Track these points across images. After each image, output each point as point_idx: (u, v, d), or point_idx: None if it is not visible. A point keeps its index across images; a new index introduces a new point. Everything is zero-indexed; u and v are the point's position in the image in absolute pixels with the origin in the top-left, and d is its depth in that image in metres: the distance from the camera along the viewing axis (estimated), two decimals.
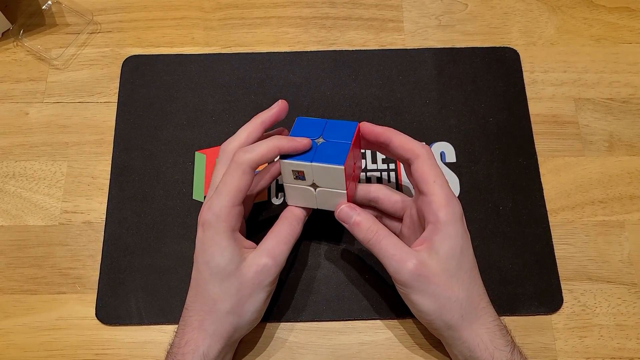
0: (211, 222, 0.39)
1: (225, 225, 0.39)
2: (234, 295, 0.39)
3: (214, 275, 0.39)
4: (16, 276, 0.47)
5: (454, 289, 0.39)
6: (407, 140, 0.41)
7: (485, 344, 0.38)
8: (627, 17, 0.57)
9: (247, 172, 0.39)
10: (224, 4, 0.58)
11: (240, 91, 0.53)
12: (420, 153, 0.41)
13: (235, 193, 0.39)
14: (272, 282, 0.40)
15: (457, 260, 0.39)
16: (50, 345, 0.45)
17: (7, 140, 0.52)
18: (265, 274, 0.39)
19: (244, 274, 0.39)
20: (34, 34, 0.56)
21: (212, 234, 0.39)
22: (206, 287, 0.40)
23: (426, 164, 0.40)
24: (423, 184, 0.40)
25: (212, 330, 0.39)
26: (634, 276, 0.47)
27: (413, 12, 0.57)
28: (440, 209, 0.39)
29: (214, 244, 0.39)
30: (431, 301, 0.39)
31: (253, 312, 0.40)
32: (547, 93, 0.54)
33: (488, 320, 0.39)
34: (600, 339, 0.45)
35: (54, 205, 0.49)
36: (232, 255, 0.39)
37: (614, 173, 0.51)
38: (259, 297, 0.40)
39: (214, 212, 0.39)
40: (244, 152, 0.39)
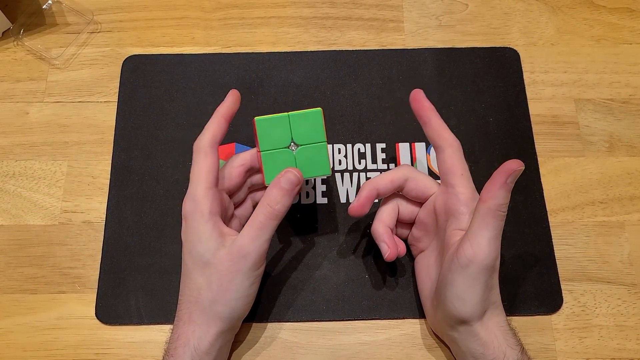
0: (189, 210, 0.40)
1: (203, 209, 0.39)
2: (215, 283, 0.39)
3: (195, 264, 0.39)
4: (16, 276, 0.47)
5: (494, 286, 0.40)
6: (444, 127, 0.42)
7: (499, 341, 0.39)
8: (627, 18, 0.57)
9: (208, 153, 0.40)
10: (224, 4, 0.58)
11: (241, 91, 0.52)
12: (452, 143, 0.41)
13: (204, 176, 0.40)
14: (252, 267, 0.39)
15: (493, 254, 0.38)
16: (50, 344, 0.45)
17: (7, 140, 0.52)
18: (241, 262, 0.39)
19: (222, 262, 0.39)
20: (34, 33, 0.56)
21: (191, 222, 0.40)
22: (190, 276, 0.40)
23: (456, 156, 0.41)
24: (451, 175, 0.41)
25: (200, 321, 0.39)
26: (633, 277, 0.47)
27: (413, 12, 0.57)
28: (469, 202, 0.40)
29: (194, 231, 0.39)
30: (479, 292, 0.38)
31: (237, 300, 0.39)
32: (548, 93, 0.54)
33: (502, 319, 0.40)
34: (600, 339, 0.45)
35: (54, 204, 0.49)
36: (210, 242, 0.39)
37: (614, 174, 0.51)
38: (241, 285, 0.39)
39: (190, 199, 0.40)
40: (198, 139, 0.41)
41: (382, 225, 0.43)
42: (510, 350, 0.38)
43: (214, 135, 0.41)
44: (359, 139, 0.52)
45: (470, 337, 0.39)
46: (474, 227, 0.38)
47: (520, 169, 0.37)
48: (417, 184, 0.43)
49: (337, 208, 0.49)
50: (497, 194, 0.37)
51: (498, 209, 0.37)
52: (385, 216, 0.44)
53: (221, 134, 0.41)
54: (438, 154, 0.42)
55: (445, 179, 0.41)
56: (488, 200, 0.37)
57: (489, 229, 0.37)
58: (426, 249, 0.45)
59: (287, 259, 0.47)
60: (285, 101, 0.53)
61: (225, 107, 0.42)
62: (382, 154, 0.51)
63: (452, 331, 0.41)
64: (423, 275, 0.44)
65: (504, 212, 0.37)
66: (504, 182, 0.37)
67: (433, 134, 0.42)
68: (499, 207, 0.37)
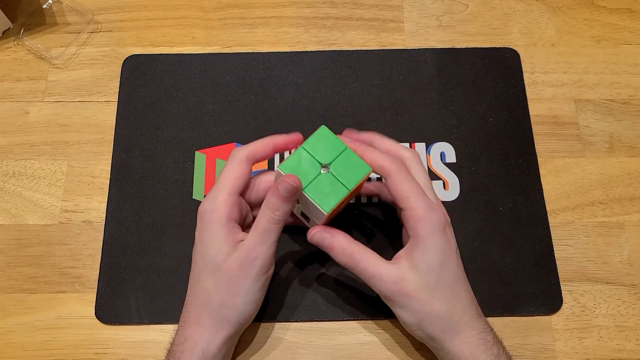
0: (207, 210, 0.40)
1: (221, 213, 0.39)
2: (224, 287, 0.39)
3: (206, 267, 0.40)
4: (16, 275, 0.47)
5: (435, 304, 0.39)
6: (377, 156, 0.40)
7: (466, 357, 0.38)
8: (627, 19, 0.57)
9: (243, 162, 0.41)
10: (224, 4, 0.58)
11: (241, 91, 0.53)
12: (390, 170, 0.40)
13: (232, 181, 0.40)
14: (260, 272, 0.39)
15: (437, 274, 0.39)
16: (50, 344, 0.45)
17: (7, 139, 0.52)
18: (249, 266, 0.39)
19: (231, 267, 0.39)
20: (34, 33, 0.56)
21: (207, 223, 0.40)
22: (200, 279, 0.40)
23: (397, 180, 0.39)
24: (399, 201, 0.40)
25: (208, 325, 0.39)
26: (633, 277, 0.47)
27: (414, 12, 0.57)
28: (418, 223, 0.39)
29: (208, 233, 0.39)
30: (412, 315, 0.40)
31: (246, 305, 0.40)
32: (548, 94, 0.54)
33: (471, 334, 0.39)
34: (599, 340, 0.45)
35: (53, 204, 0.49)
36: (223, 246, 0.39)
37: (614, 174, 0.51)
38: (249, 289, 0.39)
39: (210, 200, 0.40)
40: (240, 147, 0.41)
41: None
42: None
43: (255, 151, 0.41)
44: None
45: (441, 351, 0.40)
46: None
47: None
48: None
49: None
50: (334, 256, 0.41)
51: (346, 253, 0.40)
52: None
53: (263, 155, 0.41)
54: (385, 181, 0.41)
55: (397, 205, 0.40)
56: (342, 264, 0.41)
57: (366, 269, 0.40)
58: None
59: (287, 259, 0.47)
60: (285, 101, 0.53)
61: (281, 138, 0.42)
62: None
63: (429, 346, 0.42)
64: None
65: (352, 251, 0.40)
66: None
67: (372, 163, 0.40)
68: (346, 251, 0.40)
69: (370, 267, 0.39)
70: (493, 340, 0.39)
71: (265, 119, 0.52)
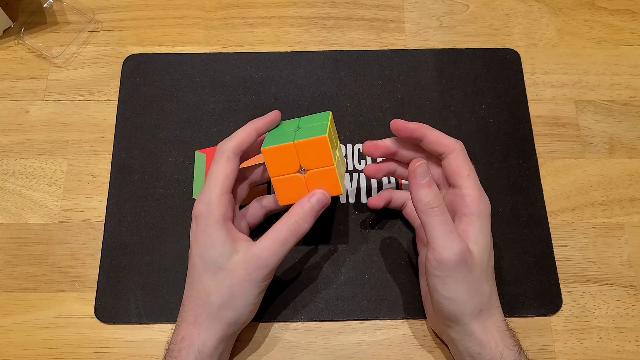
0: (202, 213, 0.40)
1: (217, 215, 0.39)
2: (226, 289, 0.39)
3: (207, 268, 0.39)
4: (15, 274, 0.47)
5: (483, 283, 0.39)
6: (441, 135, 0.42)
7: (496, 341, 0.39)
8: (628, 20, 0.57)
9: (231, 158, 0.40)
10: (225, 4, 0.58)
11: (241, 91, 0.53)
12: (455, 147, 0.42)
13: (222, 180, 0.40)
14: (265, 278, 0.40)
15: (489, 255, 0.40)
16: (49, 343, 0.45)
17: (7, 138, 0.52)
18: (256, 272, 0.39)
19: (236, 270, 0.39)
20: (35, 32, 0.56)
21: (204, 225, 0.39)
22: (200, 280, 0.40)
23: (460, 158, 0.41)
24: (457, 176, 0.41)
25: (206, 324, 0.39)
26: (633, 278, 0.47)
27: (414, 12, 0.57)
28: (475, 202, 0.40)
29: (206, 235, 0.39)
30: (463, 289, 0.38)
31: (246, 307, 0.40)
32: (548, 95, 0.54)
33: (500, 319, 0.40)
34: (599, 341, 0.45)
35: (53, 203, 0.49)
36: (224, 247, 0.39)
37: (614, 175, 0.51)
38: (251, 293, 0.40)
39: (204, 202, 0.40)
40: (224, 142, 0.41)
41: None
42: (508, 351, 0.38)
43: (240, 143, 0.41)
44: (360, 139, 0.52)
45: (467, 337, 0.40)
46: (427, 234, 0.39)
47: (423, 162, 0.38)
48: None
49: (337, 208, 0.49)
50: (419, 196, 0.38)
51: (428, 206, 0.38)
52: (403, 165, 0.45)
53: (248, 144, 0.41)
54: (442, 161, 0.42)
55: (451, 181, 0.42)
56: (416, 205, 0.38)
57: (435, 227, 0.38)
58: None
59: (286, 259, 0.47)
60: (285, 101, 0.53)
61: (261, 122, 0.42)
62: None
63: (449, 330, 0.41)
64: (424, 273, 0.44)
65: (436, 205, 0.38)
66: (419, 183, 0.38)
67: (432, 145, 0.42)
68: (428, 205, 0.38)
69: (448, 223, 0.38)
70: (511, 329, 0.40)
71: None
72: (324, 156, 0.39)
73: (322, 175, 0.40)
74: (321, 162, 0.40)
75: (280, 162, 0.40)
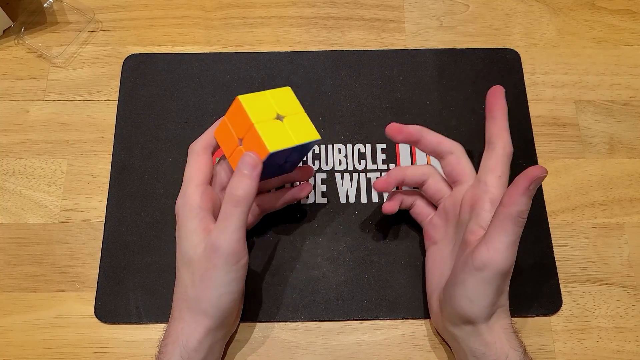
0: (179, 207, 0.40)
1: (192, 204, 0.40)
2: (197, 280, 0.39)
3: (183, 261, 0.40)
4: (15, 274, 0.47)
5: (505, 290, 0.40)
6: (505, 129, 0.42)
7: (502, 342, 0.39)
8: (628, 20, 0.57)
9: (201, 153, 0.41)
10: (225, 3, 0.58)
11: (241, 91, 0.53)
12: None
13: (194, 173, 0.41)
14: (228, 261, 0.38)
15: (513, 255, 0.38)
16: (49, 343, 0.45)
17: (7, 138, 0.52)
18: (213, 255, 0.38)
19: (201, 260, 0.39)
20: (35, 31, 0.56)
21: (181, 218, 0.40)
22: (179, 274, 0.41)
23: (502, 160, 0.42)
24: (490, 173, 0.41)
25: (188, 318, 0.39)
26: (633, 279, 0.47)
27: (414, 12, 0.57)
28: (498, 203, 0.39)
29: (183, 228, 0.40)
30: (489, 295, 0.38)
31: (220, 297, 0.38)
32: (548, 95, 0.54)
33: (507, 322, 0.40)
34: (599, 341, 0.45)
35: (53, 203, 0.49)
36: (194, 238, 0.39)
37: (614, 175, 0.51)
38: (219, 281, 0.38)
39: (180, 196, 0.41)
40: (193, 143, 0.42)
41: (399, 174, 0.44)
42: (513, 352, 0.38)
43: (209, 139, 0.42)
44: (359, 139, 0.52)
45: (473, 337, 0.39)
46: (492, 231, 0.37)
47: (544, 176, 0.37)
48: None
49: (337, 208, 0.49)
50: (519, 201, 0.36)
51: (519, 215, 0.37)
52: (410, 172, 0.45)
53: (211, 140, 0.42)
54: (486, 151, 0.42)
55: (482, 175, 0.42)
56: (509, 206, 0.37)
57: (507, 235, 0.37)
58: (440, 241, 0.44)
59: (286, 259, 0.47)
60: None
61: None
62: (382, 154, 0.51)
63: (455, 329, 0.41)
64: (433, 268, 0.44)
65: (524, 218, 0.37)
66: (527, 188, 0.36)
67: (493, 130, 0.42)
68: (520, 214, 0.37)
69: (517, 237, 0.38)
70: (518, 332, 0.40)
71: None
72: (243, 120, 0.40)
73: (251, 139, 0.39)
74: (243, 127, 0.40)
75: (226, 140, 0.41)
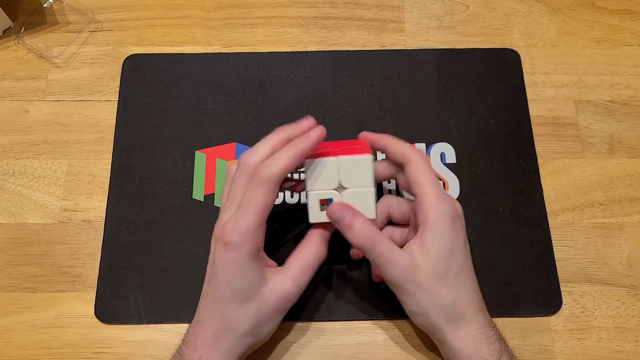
0: (237, 243, 0.37)
1: (251, 247, 0.38)
2: (253, 317, 0.39)
3: (234, 296, 0.39)
4: (15, 274, 0.47)
5: (442, 293, 0.39)
6: (400, 145, 0.42)
7: (469, 351, 0.39)
8: (628, 20, 0.57)
9: (272, 189, 0.38)
10: (225, 4, 0.58)
11: (241, 91, 0.53)
12: (412, 157, 0.41)
13: (261, 212, 0.38)
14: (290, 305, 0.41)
15: (446, 262, 0.39)
16: (49, 343, 0.45)
17: (7, 138, 0.52)
18: (286, 300, 0.40)
19: (266, 299, 0.39)
20: (35, 32, 0.56)
21: (237, 255, 0.38)
22: (226, 306, 0.39)
23: (415, 167, 0.41)
24: (414, 185, 0.41)
25: (227, 348, 0.39)
26: (633, 279, 0.47)
27: (414, 12, 0.57)
28: (430, 209, 0.39)
29: (238, 266, 0.38)
30: (419, 304, 0.40)
31: (269, 333, 0.41)
32: (548, 95, 0.54)
33: (474, 327, 0.39)
34: (599, 341, 0.45)
35: (53, 203, 0.49)
36: (255, 279, 0.39)
37: (614, 175, 0.51)
38: (277, 320, 0.41)
39: (240, 232, 0.37)
40: (266, 168, 0.38)
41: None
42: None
43: (285, 170, 0.38)
44: None
45: (444, 346, 0.40)
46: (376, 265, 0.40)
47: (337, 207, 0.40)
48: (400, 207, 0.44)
49: None
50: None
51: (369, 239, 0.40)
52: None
53: (291, 170, 0.39)
54: (404, 171, 0.42)
55: (410, 192, 0.42)
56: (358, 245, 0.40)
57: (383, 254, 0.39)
58: None
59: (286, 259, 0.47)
60: (285, 101, 0.53)
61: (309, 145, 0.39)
62: (382, 154, 0.51)
63: (433, 338, 0.42)
64: None
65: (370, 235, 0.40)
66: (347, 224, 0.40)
67: (393, 155, 0.42)
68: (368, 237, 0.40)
69: (386, 252, 0.39)
70: (495, 335, 0.39)
71: (265, 119, 0.52)
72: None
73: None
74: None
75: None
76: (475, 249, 0.42)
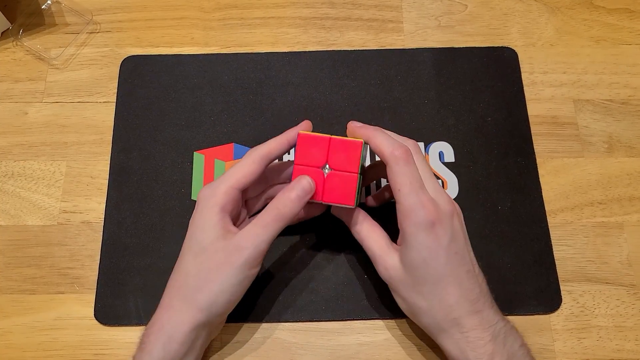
0: (205, 196, 0.40)
1: (216, 201, 0.39)
2: (204, 271, 0.39)
3: (191, 249, 0.40)
4: (15, 276, 0.47)
5: (415, 300, 0.40)
6: (383, 143, 0.39)
7: (455, 354, 0.39)
8: (626, 19, 0.57)
9: (256, 162, 0.40)
10: (223, 4, 0.58)
11: (239, 91, 0.53)
12: (390, 161, 0.39)
13: (238, 177, 0.40)
14: (245, 265, 0.38)
15: (421, 271, 0.39)
16: (49, 345, 0.45)
17: (6, 140, 0.52)
18: (235, 253, 0.38)
19: (216, 252, 0.39)
20: (33, 33, 0.56)
21: (201, 207, 0.40)
22: (182, 260, 0.40)
23: (394, 172, 0.39)
24: (393, 191, 0.39)
25: (178, 307, 0.39)
26: (632, 277, 0.47)
27: (413, 12, 0.57)
28: (404, 219, 0.39)
29: (200, 217, 0.40)
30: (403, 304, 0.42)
31: (220, 293, 0.39)
32: (547, 94, 0.54)
33: (458, 331, 0.39)
34: (599, 340, 0.45)
35: (52, 205, 0.49)
36: (212, 230, 0.39)
37: (613, 174, 0.51)
38: (228, 278, 0.39)
39: (211, 188, 0.40)
40: (256, 147, 0.42)
41: None
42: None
43: (269, 151, 0.41)
44: None
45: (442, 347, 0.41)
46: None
47: None
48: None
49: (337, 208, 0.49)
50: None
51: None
52: None
53: (277, 153, 0.41)
54: None
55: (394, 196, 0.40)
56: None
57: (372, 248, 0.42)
58: None
59: (286, 259, 0.47)
60: (284, 101, 0.53)
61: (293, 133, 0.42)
62: None
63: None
64: None
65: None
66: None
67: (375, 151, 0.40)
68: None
69: (374, 247, 0.41)
70: (489, 337, 0.38)
71: (264, 120, 0.52)
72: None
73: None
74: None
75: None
76: (474, 248, 0.42)
